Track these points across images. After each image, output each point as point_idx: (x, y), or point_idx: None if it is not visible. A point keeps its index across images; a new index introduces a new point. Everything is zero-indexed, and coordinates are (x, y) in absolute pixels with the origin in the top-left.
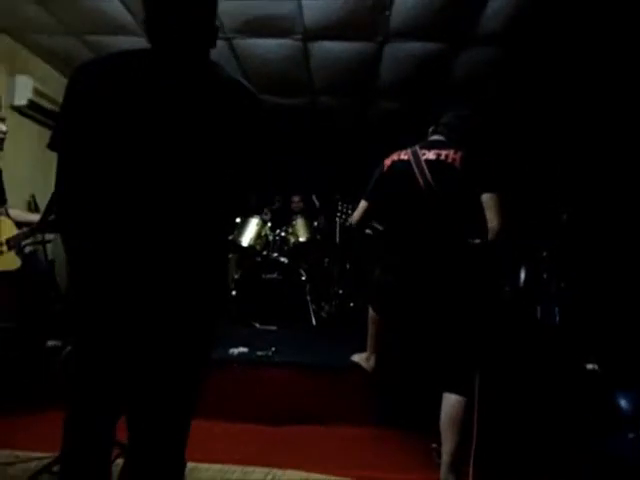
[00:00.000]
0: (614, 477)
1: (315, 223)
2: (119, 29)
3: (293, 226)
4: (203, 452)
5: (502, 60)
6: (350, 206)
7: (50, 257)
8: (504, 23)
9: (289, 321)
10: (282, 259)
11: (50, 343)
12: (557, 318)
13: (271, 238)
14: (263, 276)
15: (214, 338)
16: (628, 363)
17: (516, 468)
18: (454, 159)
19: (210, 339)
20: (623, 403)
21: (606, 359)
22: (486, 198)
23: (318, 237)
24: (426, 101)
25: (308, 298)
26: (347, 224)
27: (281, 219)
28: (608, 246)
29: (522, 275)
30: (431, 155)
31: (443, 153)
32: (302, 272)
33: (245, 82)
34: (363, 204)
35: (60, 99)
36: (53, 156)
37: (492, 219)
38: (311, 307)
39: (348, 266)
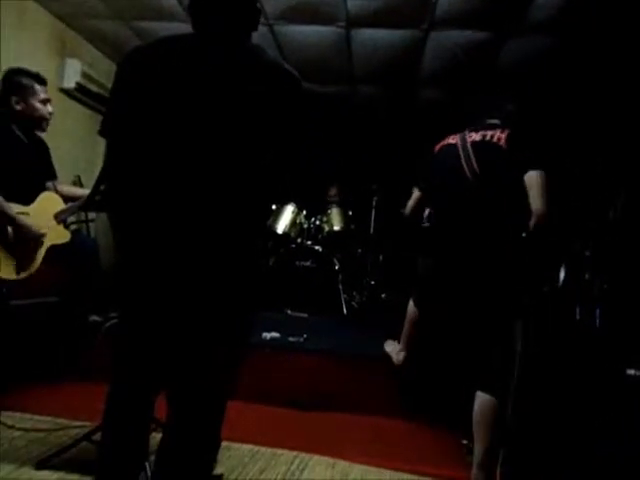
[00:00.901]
0: None
1: (350, 212)
2: (166, 15)
3: (328, 215)
4: (235, 432)
5: (550, 50)
6: None
7: (92, 236)
8: (553, 13)
9: (320, 309)
10: (316, 247)
11: (92, 318)
12: (598, 320)
13: (306, 226)
14: (297, 263)
15: (252, 321)
16: None
17: (547, 474)
18: (499, 138)
19: (248, 322)
20: None
21: None
22: (530, 177)
23: (352, 227)
24: (469, 91)
25: (340, 287)
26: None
27: (317, 208)
28: None
29: (562, 274)
30: (477, 137)
31: (489, 133)
32: (335, 261)
33: (288, 66)
34: (415, 193)
35: (107, 83)
36: (98, 139)
37: (535, 199)
38: (342, 296)
39: (381, 257)
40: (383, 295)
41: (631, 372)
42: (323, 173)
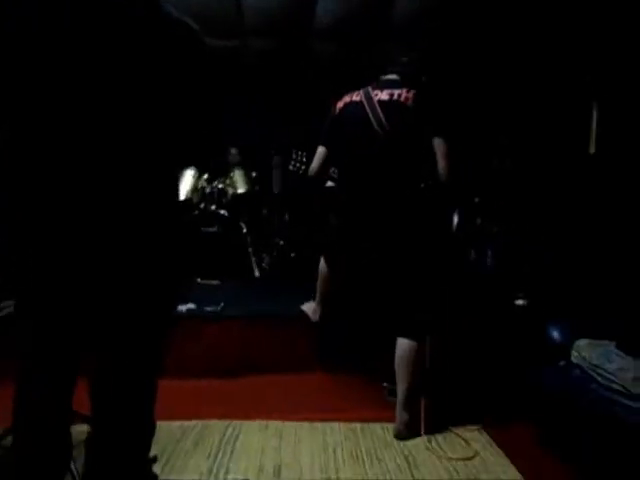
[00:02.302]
0: (550, 405)
1: (253, 174)
2: None
3: (231, 178)
4: (161, 410)
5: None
6: (304, 153)
7: None
8: None
9: (231, 275)
10: (221, 212)
11: None
12: (489, 260)
13: (208, 190)
14: (202, 230)
15: (176, 293)
16: (556, 298)
17: (462, 403)
18: (407, 98)
19: (171, 294)
20: (554, 334)
21: (535, 296)
22: (437, 142)
23: (257, 188)
24: (364, 45)
25: (250, 250)
26: (294, 163)
27: (217, 171)
28: (538, 190)
29: (455, 219)
30: (384, 95)
31: (396, 93)
32: (242, 224)
33: (191, 21)
34: (321, 150)
35: None
36: None
37: (441, 162)
38: (253, 259)
39: (287, 217)
40: (292, 254)
41: (519, 302)
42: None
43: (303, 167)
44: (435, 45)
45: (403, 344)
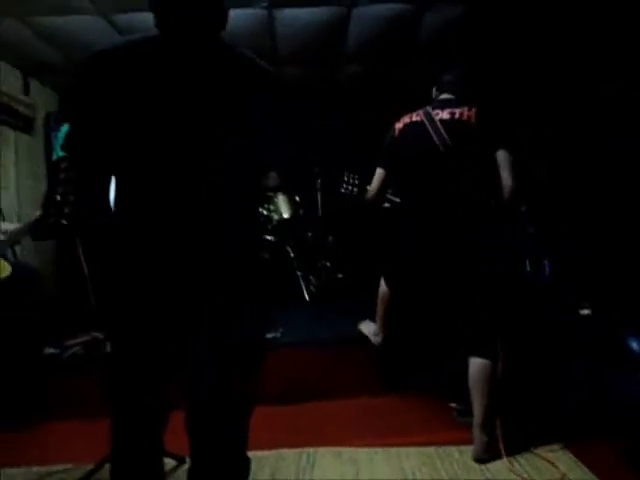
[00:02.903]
0: (629, 415)
1: (297, 198)
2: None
3: (275, 203)
4: None
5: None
6: (356, 176)
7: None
8: None
9: (283, 299)
10: (268, 237)
11: (48, 351)
12: (547, 270)
13: None
14: None
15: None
16: (622, 306)
17: (540, 420)
18: (469, 116)
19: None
20: (634, 345)
21: (600, 304)
22: (502, 156)
23: (301, 212)
24: (392, 64)
25: (299, 274)
26: (346, 186)
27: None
28: (590, 199)
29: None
30: (445, 115)
31: (457, 111)
32: (289, 249)
33: (259, 60)
34: (380, 172)
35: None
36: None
37: (507, 177)
38: (302, 283)
39: (330, 238)
40: (340, 275)
41: (584, 312)
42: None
43: (356, 189)
44: (470, 58)
45: (476, 363)
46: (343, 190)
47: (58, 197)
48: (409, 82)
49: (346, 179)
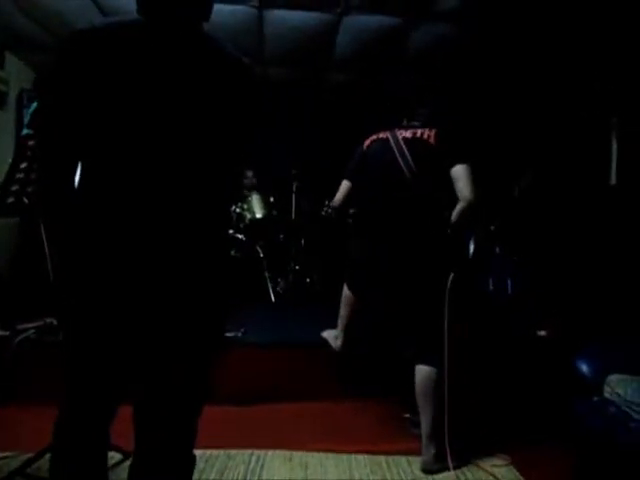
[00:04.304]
0: (586, 442)
1: (271, 199)
2: None
3: (249, 202)
4: None
5: (456, 37)
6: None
7: None
8: (455, 3)
9: (247, 298)
10: (239, 236)
11: None
12: (510, 289)
13: None
14: None
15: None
16: (580, 329)
17: (488, 436)
18: (429, 136)
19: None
20: (584, 368)
21: (559, 327)
22: (457, 169)
23: (274, 213)
24: (378, 74)
25: (267, 275)
26: (326, 209)
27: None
28: (558, 220)
29: (471, 247)
30: (407, 134)
31: (419, 131)
32: (259, 249)
33: (240, 55)
34: (345, 184)
35: None
36: None
37: (462, 189)
38: (270, 284)
39: (303, 242)
40: (308, 279)
41: (541, 333)
42: None
43: (334, 214)
44: (453, 77)
45: (422, 371)
46: (324, 213)
47: (21, 175)
48: (394, 93)
49: (327, 203)
